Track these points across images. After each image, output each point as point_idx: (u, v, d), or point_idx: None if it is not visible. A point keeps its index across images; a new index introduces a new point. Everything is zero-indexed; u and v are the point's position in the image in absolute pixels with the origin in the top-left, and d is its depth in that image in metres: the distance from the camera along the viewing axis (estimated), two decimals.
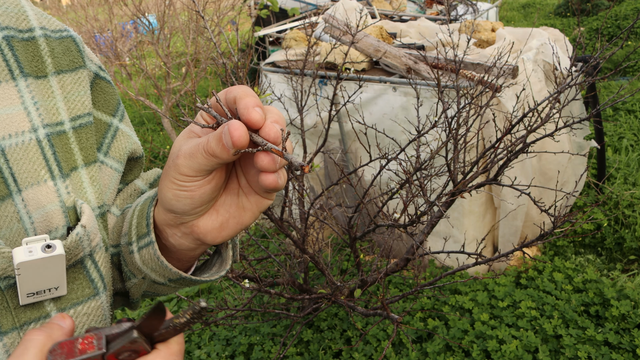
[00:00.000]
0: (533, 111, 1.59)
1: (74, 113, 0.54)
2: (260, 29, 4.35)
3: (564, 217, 1.48)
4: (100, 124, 0.59)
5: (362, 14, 3.07)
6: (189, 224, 0.51)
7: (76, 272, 0.50)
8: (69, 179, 0.51)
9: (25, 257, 0.44)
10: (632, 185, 3.01)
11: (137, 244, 0.56)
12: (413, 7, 4.89)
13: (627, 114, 4.02)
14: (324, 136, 1.88)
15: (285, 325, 2.38)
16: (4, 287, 0.46)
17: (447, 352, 2.06)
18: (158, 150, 5.20)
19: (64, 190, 0.50)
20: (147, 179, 0.69)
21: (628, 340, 1.96)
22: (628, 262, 2.59)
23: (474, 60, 2.37)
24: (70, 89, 0.54)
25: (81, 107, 0.55)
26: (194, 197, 0.48)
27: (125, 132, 0.63)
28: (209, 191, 0.48)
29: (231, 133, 0.42)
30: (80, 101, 0.55)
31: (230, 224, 0.51)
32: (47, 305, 0.48)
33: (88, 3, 5.26)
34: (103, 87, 0.60)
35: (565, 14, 7.59)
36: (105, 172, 0.59)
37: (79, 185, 0.52)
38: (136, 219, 0.56)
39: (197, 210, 0.50)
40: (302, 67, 1.93)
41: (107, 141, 0.60)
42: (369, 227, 1.73)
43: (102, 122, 0.60)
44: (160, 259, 0.54)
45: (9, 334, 0.46)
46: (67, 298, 0.50)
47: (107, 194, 0.59)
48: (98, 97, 0.59)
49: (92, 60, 0.59)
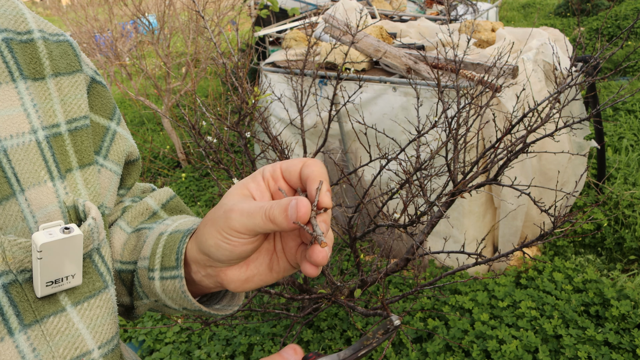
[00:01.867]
0: (533, 111, 1.59)
1: (70, 116, 0.54)
2: (260, 29, 4.35)
3: (564, 217, 1.48)
4: (98, 128, 0.60)
5: (362, 14, 3.07)
6: (217, 269, 0.54)
7: (86, 266, 0.52)
8: (66, 181, 0.52)
9: (47, 239, 0.45)
10: (632, 185, 3.01)
11: (160, 273, 0.58)
12: (413, 7, 4.89)
13: (627, 114, 4.02)
14: (324, 136, 1.88)
15: (285, 325, 2.38)
16: (22, 281, 0.46)
17: (447, 352, 2.06)
18: (158, 150, 5.20)
19: (63, 191, 0.51)
20: (159, 199, 0.70)
21: (628, 340, 1.96)
22: (628, 262, 2.59)
23: (474, 60, 2.37)
24: (67, 92, 0.55)
25: (77, 110, 0.55)
26: (234, 252, 0.50)
27: (123, 135, 0.64)
28: (250, 250, 0.51)
29: (298, 209, 0.45)
30: (76, 104, 0.55)
31: (255, 280, 0.54)
32: (62, 299, 0.49)
33: (88, 3, 5.26)
34: (99, 91, 0.61)
35: (565, 14, 7.60)
36: (105, 175, 0.60)
37: (74, 186, 0.53)
38: (162, 249, 0.58)
39: (232, 262, 0.52)
40: (302, 67, 1.93)
41: (106, 144, 0.61)
42: (369, 227, 1.73)
43: (100, 125, 0.60)
44: (186, 294, 0.56)
45: (32, 326, 0.47)
46: (81, 291, 0.51)
47: (108, 196, 0.60)
48: (95, 101, 0.60)
49: (88, 64, 0.60)
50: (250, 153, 1.88)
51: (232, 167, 1.86)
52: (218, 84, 6.12)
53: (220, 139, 1.80)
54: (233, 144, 4.01)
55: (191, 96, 4.66)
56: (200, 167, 4.48)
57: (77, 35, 5.44)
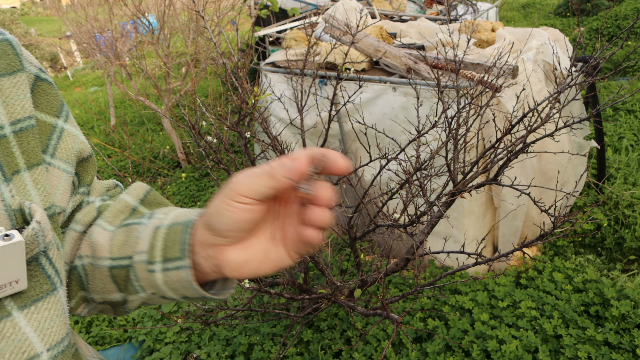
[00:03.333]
0: (533, 111, 1.59)
1: (14, 117, 0.54)
2: (260, 29, 4.35)
3: (564, 217, 1.47)
4: (44, 126, 0.59)
5: (362, 14, 3.07)
6: (217, 248, 0.55)
7: (32, 270, 0.51)
8: (12, 183, 0.51)
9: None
10: (632, 185, 3.01)
11: (163, 265, 0.58)
12: (413, 7, 4.89)
13: (627, 114, 4.02)
14: (324, 136, 1.88)
15: (285, 325, 2.38)
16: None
17: (447, 352, 2.06)
18: (158, 150, 5.20)
19: (8, 194, 0.50)
20: (136, 195, 0.70)
21: (628, 340, 1.96)
22: (628, 262, 2.59)
23: (474, 60, 2.37)
24: (9, 93, 0.54)
25: (21, 111, 0.55)
26: (234, 218, 0.52)
27: (72, 132, 0.63)
28: (247, 219, 0.52)
29: (295, 163, 0.48)
30: (20, 105, 0.55)
31: (250, 266, 0.55)
32: (8, 304, 0.49)
33: (88, 3, 5.26)
34: (45, 89, 0.60)
35: (565, 14, 7.60)
36: (54, 174, 0.59)
37: (22, 188, 0.53)
38: (162, 242, 0.58)
39: (230, 234, 0.53)
40: (302, 67, 1.93)
41: (52, 143, 0.60)
42: (369, 227, 1.73)
43: (46, 124, 0.60)
44: (192, 283, 0.57)
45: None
46: (27, 295, 0.50)
47: (57, 195, 0.60)
48: (40, 99, 0.60)
49: (31, 62, 0.59)
50: (250, 153, 1.88)
51: (232, 167, 1.86)
52: (218, 84, 6.12)
53: (220, 139, 1.80)
54: (233, 144, 4.01)
55: (191, 96, 4.66)
56: (200, 167, 4.48)
57: (77, 35, 5.43)
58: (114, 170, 4.38)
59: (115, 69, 5.08)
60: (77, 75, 14.93)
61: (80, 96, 10.23)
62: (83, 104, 8.71)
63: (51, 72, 15.75)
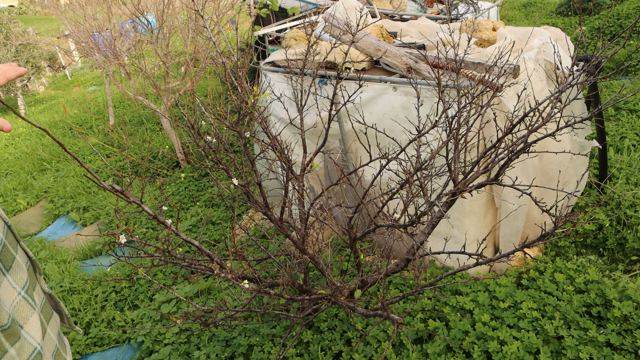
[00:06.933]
0: (534, 111, 1.58)
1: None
2: (260, 28, 4.34)
3: (565, 217, 1.46)
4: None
5: (363, 13, 3.06)
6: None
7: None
8: None
9: None
10: (634, 186, 2.99)
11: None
12: (414, 6, 4.87)
13: (629, 114, 4.00)
14: (324, 136, 1.87)
15: (285, 326, 2.37)
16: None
17: (448, 353, 2.05)
18: (157, 150, 5.18)
19: None
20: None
21: (630, 341, 1.95)
22: (630, 262, 2.57)
23: (474, 59, 2.36)
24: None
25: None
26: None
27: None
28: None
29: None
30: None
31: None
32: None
33: (87, 2, 5.25)
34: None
35: (566, 12, 7.58)
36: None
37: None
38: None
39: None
40: (302, 67, 1.92)
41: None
42: (369, 228, 1.71)
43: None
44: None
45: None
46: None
47: None
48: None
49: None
50: (250, 153, 1.86)
51: (231, 167, 1.85)
52: (217, 83, 6.11)
53: (219, 139, 1.79)
54: (232, 143, 3.99)
55: (190, 96, 4.65)
56: (200, 167, 4.47)
57: (75, 34, 5.42)
58: (112, 170, 4.36)
59: (114, 69, 5.06)
60: (76, 75, 14.90)
61: (79, 96, 10.21)
62: (82, 104, 8.69)
63: (49, 72, 15.74)
